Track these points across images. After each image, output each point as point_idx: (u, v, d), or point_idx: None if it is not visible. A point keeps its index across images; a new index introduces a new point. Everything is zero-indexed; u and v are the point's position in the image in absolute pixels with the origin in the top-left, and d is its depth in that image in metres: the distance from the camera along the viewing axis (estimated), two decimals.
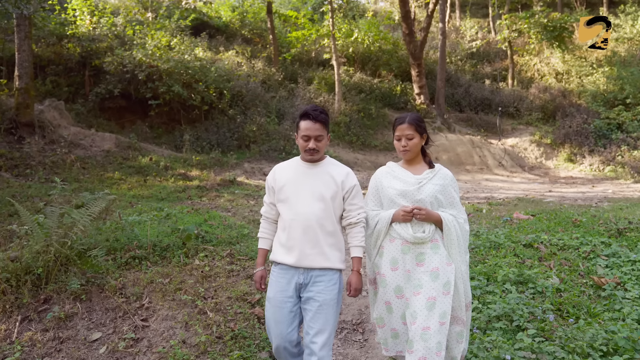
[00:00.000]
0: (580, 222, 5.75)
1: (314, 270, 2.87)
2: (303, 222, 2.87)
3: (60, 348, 3.80)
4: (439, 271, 2.79)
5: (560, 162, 15.32)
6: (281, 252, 2.94)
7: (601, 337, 3.22)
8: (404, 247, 2.90)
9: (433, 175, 2.96)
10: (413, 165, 3.05)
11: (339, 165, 3.08)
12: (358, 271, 2.94)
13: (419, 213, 2.83)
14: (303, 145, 2.93)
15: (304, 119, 2.93)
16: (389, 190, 3.00)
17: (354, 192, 2.98)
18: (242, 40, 19.21)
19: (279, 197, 2.97)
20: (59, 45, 13.85)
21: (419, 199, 2.89)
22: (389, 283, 2.92)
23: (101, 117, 13.35)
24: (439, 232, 2.90)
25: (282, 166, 3.10)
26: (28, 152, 9.70)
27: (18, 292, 4.14)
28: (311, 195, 2.91)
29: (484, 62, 21.55)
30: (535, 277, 4.23)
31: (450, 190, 2.98)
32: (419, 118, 3.03)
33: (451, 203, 2.96)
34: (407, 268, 2.88)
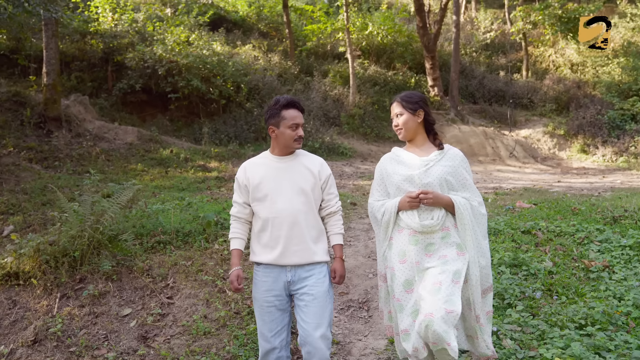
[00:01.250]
0: (579, 211, 6.03)
1: (302, 267, 2.82)
2: (287, 218, 2.79)
3: (95, 322, 4.24)
4: (448, 258, 2.65)
5: (573, 153, 15.44)
6: (263, 252, 2.86)
7: (582, 312, 3.54)
8: (411, 238, 2.74)
9: (442, 156, 2.80)
10: (419, 147, 2.88)
11: (310, 155, 3.02)
12: (341, 258, 2.92)
13: (425, 197, 2.67)
14: (291, 134, 2.83)
15: (290, 108, 2.85)
16: (394, 176, 2.85)
17: (330, 181, 2.96)
18: (258, 34, 19.56)
19: (256, 196, 2.87)
20: (83, 42, 14.37)
21: (426, 182, 2.73)
22: (398, 277, 2.75)
23: (123, 111, 13.85)
24: (450, 219, 2.73)
25: (253, 163, 2.99)
26: (56, 145, 10.21)
27: (57, 272, 4.59)
28: (291, 189, 2.83)
29: (498, 54, 21.61)
30: (529, 260, 4.55)
31: (462, 171, 2.79)
32: (409, 94, 2.89)
33: (464, 185, 2.77)
34: (416, 259, 2.71)
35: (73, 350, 3.90)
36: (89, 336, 4.05)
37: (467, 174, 2.81)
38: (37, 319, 4.20)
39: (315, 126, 14.11)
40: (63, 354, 3.86)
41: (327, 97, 15.93)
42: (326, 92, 16.15)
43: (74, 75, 13.88)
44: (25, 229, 6.38)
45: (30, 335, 4.00)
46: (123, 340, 4.02)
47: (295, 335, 3.47)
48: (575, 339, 3.12)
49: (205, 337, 3.99)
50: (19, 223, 6.54)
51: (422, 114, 2.85)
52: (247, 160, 3.02)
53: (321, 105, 15.31)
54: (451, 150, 2.86)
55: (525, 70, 20.03)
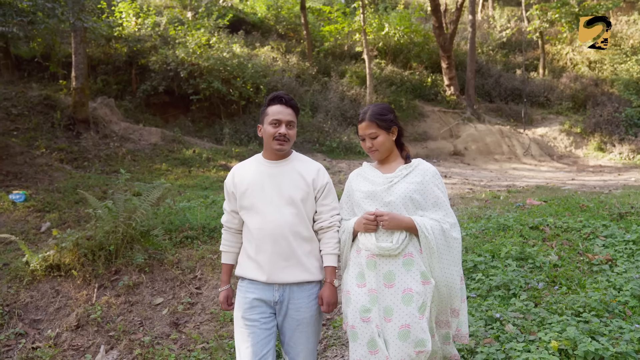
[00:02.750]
0: (587, 207, 6.25)
1: (290, 286, 2.55)
2: (273, 231, 2.52)
3: (131, 309, 4.62)
4: (413, 292, 2.37)
5: (590, 151, 15.51)
6: (250, 266, 2.59)
7: (581, 301, 3.80)
8: (369, 262, 2.46)
9: (409, 171, 2.54)
10: (387, 162, 2.65)
11: (307, 160, 2.72)
12: (332, 283, 2.60)
13: (381, 219, 2.41)
14: (271, 132, 2.55)
15: (274, 104, 2.60)
16: (356, 193, 2.60)
17: (325, 191, 2.64)
18: (277, 35, 19.93)
19: (242, 204, 2.60)
20: (108, 46, 14.89)
21: (388, 201, 2.47)
22: (354, 302, 2.46)
23: (147, 112, 14.32)
24: (415, 243, 2.45)
25: (242, 167, 2.71)
26: (85, 146, 10.69)
27: (94, 264, 4.98)
28: (279, 199, 2.55)
29: (515, 52, 21.68)
30: (535, 254, 4.81)
31: (432, 188, 2.52)
32: (380, 111, 2.59)
33: (435, 204, 2.51)
34: (373, 287, 2.44)
35: (112, 335, 4.28)
36: (126, 322, 4.43)
37: (439, 192, 2.52)
38: (78, 306, 4.59)
39: (333, 126, 14.43)
40: (103, 338, 4.24)
41: (345, 97, 16.22)
42: (343, 92, 16.45)
43: (100, 78, 14.39)
44: (60, 225, 6.82)
45: (73, 321, 4.39)
46: (157, 326, 4.39)
47: None
48: (572, 324, 3.38)
49: (232, 323, 4.34)
50: (54, 220, 6.98)
51: (396, 130, 2.60)
52: (238, 164, 2.76)
53: (338, 105, 15.61)
54: (421, 165, 2.59)
55: (541, 68, 20.07)
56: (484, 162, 14.77)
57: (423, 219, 2.45)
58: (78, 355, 4.10)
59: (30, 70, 13.80)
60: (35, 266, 4.91)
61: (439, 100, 17.91)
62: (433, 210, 2.51)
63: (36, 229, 6.77)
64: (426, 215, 2.49)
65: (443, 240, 2.46)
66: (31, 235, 6.55)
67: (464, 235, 5.42)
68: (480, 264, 4.70)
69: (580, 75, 19.28)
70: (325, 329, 4.07)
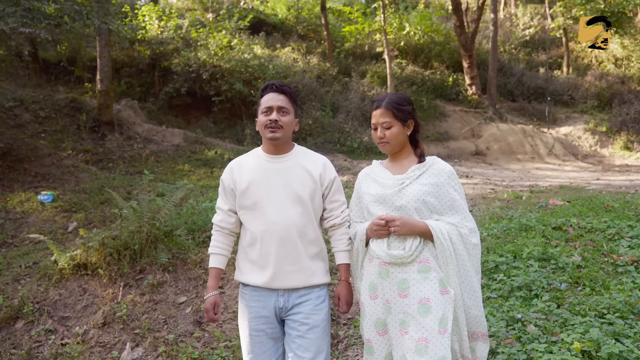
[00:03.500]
0: (612, 208, 6.16)
1: (297, 291, 2.41)
2: (279, 233, 2.35)
3: (155, 308, 4.71)
4: (431, 303, 2.16)
5: (615, 150, 15.24)
6: (252, 271, 2.43)
7: (605, 302, 3.76)
8: (381, 270, 2.29)
9: (422, 172, 2.32)
10: (398, 161, 2.42)
11: (311, 154, 2.55)
12: (347, 281, 2.50)
13: (392, 224, 2.23)
14: (263, 120, 2.39)
15: (268, 92, 2.43)
16: (364, 197, 2.40)
17: (334, 186, 2.49)
18: (297, 36, 20.01)
19: (243, 203, 2.42)
20: (131, 49, 15.15)
21: (399, 205, 2.27)
22: (368, 315, 2.34)
23: (170, 114, 14.53)
24: (430, 248, 2.26)
25: (241, 162, 2.51)
26: (109, 148, 10.89)
27: (119, 263, 5.09)
28: (286, 197, 2.38)
29: (538, 50, 21.40)
30: (558, 254, 4.76)
31: (449, 190, 2.30)
32: (399, 100, 2.37)
33: (451, 207, 2.30)
34: (387, 297, 2.27)
35: (137, 332, 4.38)
36: (150, 320, 4.52)
37: (455, 194, 2.31)
38: (104, 304, 4.70)
39: (354, 126, 14.44)
40: (129, 335, 4.33)
41: (365, 97, 16.22)
42: (364, 93, 16.45)
43: (123, 81, 14.65)
44: (87, 225, 6.98)
45: (100, 318, 4.50)
46: (180, 324, 4.47)
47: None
48: (595, 326, 3.35)
49: None
50: (81, 220, 7.14)
51: (412, 125, 2.39)
52: (236, 159, 2.57)
53: (359, 106, 15.61)
54: (436, 164, 2.36)
55: (565, 66, 19.79)
56: (506, 162, 14.63)
57: (438, 223, 2.25)
58: (105, 352, 4.20)
59: (56, 74, 14.12)
60: (64, 265, 5.04)
61: (461, 99, 17.78)
62: (449, 214, 2.29)
63: (63, 229, 6.93)
64: (442, 219, 2.28)
65: (461, 247, 2.25)
66: (59, 235, 6.72)
67: (485, 236, 5.39)
68: (501, 264, 4.68)
69: (606, 73, 18.95)
70: (347, 328, 4.10)
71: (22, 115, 10.73)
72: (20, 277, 5.28)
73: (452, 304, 2.18)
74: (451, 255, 2.23)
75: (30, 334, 4.43)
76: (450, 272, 2.23)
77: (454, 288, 2.23)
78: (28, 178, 8.65)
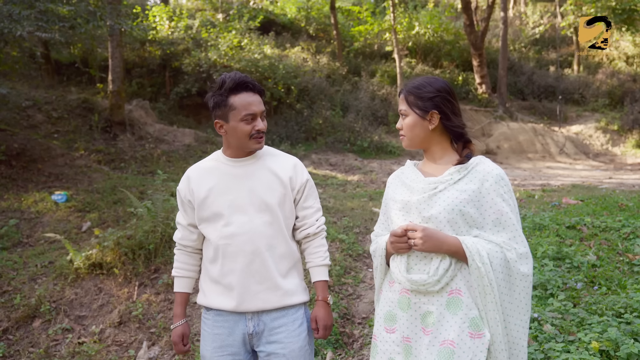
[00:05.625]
0: (626, 206, 6.12)
1: (268, 313, 2.07)
2: (244, 246, 2.04)
3: (170, 307, 4.74)
4: (455, 348, 1.68)
5: (627, 149, 15.12)
6: (215, 292, 2.10)
7: (622, 302, 3.74)
8: (401, 299, 1.82)
9: (462, 175, 1.80)
10: (434, 160, 1.93)
11: (280, 154, 2.21)
12: (325, 300, 2.14)
13: (412, 235, 1.75)
14: (246, 130, 2.02)
15: (240, 91, 2.02)
16: (390, 203, 1.96)
17: (306, 190, 2.17)
18: (307, 36, 20.03)
19: (202, 215, 2.11)
20: (142, 50, 15.24)
21: (428, 215, 1.78)
22: (381, 351, 1.88)
23: (180, 114, 14.61)
24: (466, 275, 1.75)
25: (198, 169, 2.18)
26: (121, 148, 10.96)
27: (134, 263, 5.13)
28: (250, 205, 2.06)
29: (548, 48, 21.28)
30: (572, 254, 4.75)
31: (495, 199, 1.77)
32: (420, 84, 1.89)
33: (497, 222, 1.76)
34: (406, 334, 1.80)
35: (153, 331, 4.41)
36: (166, 319, 4.55)
37: (504, 205, 1.77)
38: (120, 303, 4.74)
39: (364, 125, 14.44)
40: (145, 334, 4.37)
41: (375, 96, 16.21)
42: (374, 92, 16.44)
43: (135, 81, 14.74)
44: (100, 225, 7.03)
45: (116, 317, 4.54)
46: (196, 323, 4.49)
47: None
48: (613, 325, 3.34)
49: None
50: (94, 220, 7.20)
51: (436, 117, 1.86)
52: (193, 165, 2.23)
53: (369, 105, 15.61)
54: (481, 165, 1.83)
55: (576, 64, 19.67)
56: (517, 160, 14.56)
57: (476, 241, 1.73)
58: (121, 351, 4.24)
59: (69, 75, 14.23)
60: (79, 264, 5.09)
61: (471, 98, 17.72)
62: (494, 231, 1.76)
63: (77, 229, 6.99)
64: (482, 236, 1.76)
65: (505, 275, 1.72)
66: (73, 235, 6.78)
67: None
68: None
69: (617, 71, 18.81)
70: (362, 327, 4.10)
71: (35, 116, 10.84)
72: (36, 277, 5.33)
73: (485, 351, 1.67)
74: (490, 284, 1.69)
75: (47, 333, 4.48)
76: (490, 307, 1.70)
77: (492, 328, 1.70)
78: (42, 178, 8.73)
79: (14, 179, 8.49)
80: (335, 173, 10.97)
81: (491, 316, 1.70)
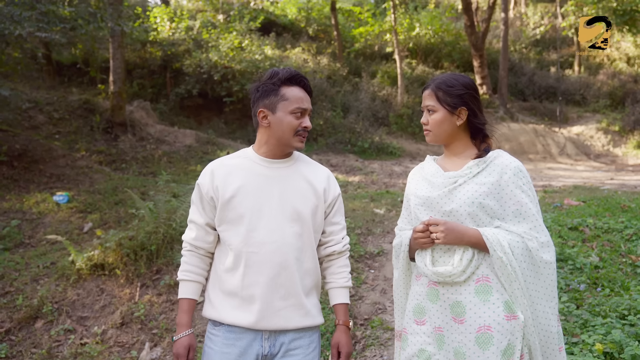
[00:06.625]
0: (628, 208, 6.11)
1: (285, 334, 1.91)
2: (272, 256, 1.87)
3: (172, 308, 4.73)
4: (492, 332, 1.72)
5: (629, 150, 15.12)
6: (229, 305, 1.90)
7: (626, 303, 3.74)
8: (429, 291, 1.86)
9: (481, 168, 1.85)
10: (454, 155, 1.96)
11: (314, 163, 2.08)
12: (347, 325, 2.00)
13: (435, 229, 1.80)
14: (294, 124, 1.90)
15: (294, 85, 1.93)
16: (411, 199, 1.98)
17: (337, 205, 2.05)
18: (307, 37, 20.04)
19: (225, 216, 1.92)
20: (143, 51, 15.25)
21: (449, 209, 1.83)
22: (412, 344, 1.89)
23: (181, 115, 14.61)
24: (490, 262, 1.79)
25: (226, 164, 1.99)
26: (122, 149, 10.96)
27: (136, 264, 5.12)
28: (282, 212, 1.91)
29: (549, 49, 21.28)
30: (575, 255, 4.74)
31: (514, 191, 1.81)
32: (450, 81, 1.91)
33: (517, 213, 1.80)
34: (437, 324, 1.84)
35: (155, 332, 4.41)
36: (168, 320, 4.55)
37: (523, 196, 1.81)
38: (122, 304, 4.74)
39: (365, 126, 14.44)
40: (147, 335, 4.37)
41: (376, 97, 16.21)
42: (375, 93, 16.44)
43: (135, 82, 14.75)
44: (102, 225, 7.03)
45: (118, 318, 4.54)
46: (198, 324, 4.49)
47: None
48: (617, 327, 3.33)
49: None
50: (96, 220, 7.20)
51: (464, 113, 1.90)
52: (218, 159, 2.04)
53: (370, 106, 15.61)
54: (499, 158, 1.87)
55: (577, 65, 19.67)
56: None
57: (496, 232, 1.78)
58: (124, 352, 4.24)
59: (70, 76, 14.24)
60: (81, 265, 5.09)
61: None
62: (515, 222, 1.80)
63: (79, 229, 6.99)
64: (504, 227, 1.81)
65: (528, 264, 1.77)
66: (74, 235, 6.78)
67: None
68: None
69: (618, 71, 18.82)
70: (364, 329, 4.10)
71: (37, 117, 10.84)
72: (38, 277, 5.33)
73: (522, 332, 1.73)
74: (514, 272, 1.75)
75: (49, 334, 4.48)
76: (517, 293, 1.76)
77: (523, 312, 1.76)
78: (43, 179, 8.73)
79: (16, 179, 8.50)
80: (336, 174, 10.97)
81: (519, 301, 1.76)
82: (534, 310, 1.79)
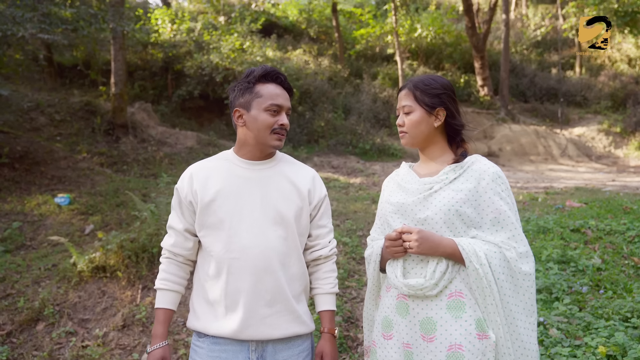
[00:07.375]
0: (630, 209, 6.10)
1: (274, 343, 1.83)
2: (255, 262, 1.78)
3: None
4: (464, 351, 1.62)
5: (630, 151, 15.10)
6: (212, 315, 1.83)
7: (629, 306, 3.72)
8: (399, 304, 1.76)
9: (457, 174, 1.75)
10: (430, 160, 1.87)
11: (298, 164, 2.00)
12: (332, 333, 1.92)
13: (407, 238, 1.69)
14: (270, 122, 1.82)
15: (269, 81, 1.87)
16: (384, 205, 1.91)
17: (323, 207, 1.96)
18: (308, 39, 20.05)
19: (205, 221, 1.85)
20: (144, 52, 15.26)
21: (423, 217, 1.73)
22: (380, 358, 1.81)
23: (182, 116, 14.62)
24: (465, 277, 1.70)
25: (204, 167, 1.91)
26: (124, 151, 10.97)
27: (138, 266, 5.11)
28: (264, 215, 1.82)
29: (550, 51, 21.27)
30: (577, 257, 4.73)
31: (492, 198, 1.72)
32: (428, 81, 1.85)
33: (495, 222, 1.72)
34: (406, 340, 1.74)
35: None
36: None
37: (502, 203, 1.72)
38: (123, 307, 4.73)
39: (366, 128, 14.44)
40: (149, 338, 4.35)
41: (377, 99, 16.21)
42: (376, 94, 16.44)
43: (137, 84, 14.76)
44: (103, 227, 7.02)
45: (119, 320, 4.53)
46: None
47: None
48: (620, 330, 3.32)
49: None
50: (97, 222, 7.19)
51: (442, 114, 1.82)
52: (196, 163, 1.96)
53: (371, 107, 15.61)
54: (477, 163, 1.78)
55: (578, 66, 19.66)
56: (519, 163, 14.54)
57: (472, 242, 1.68)
58: (125, 354, 4.23)
59: (71, 78, 14.26)
60: (82, 267, 5.08)
61: (472, 101, 17.71)
62: (492, 230, 1.71)
63: (80, 231, 6.98)
64: (480, 236, 1.72)
65: (507, 276, 1.67)
66: (76, 237, 6.77)
67: None
68: None
69: (620, 73, 18.80)
70: None
71: (38, 119, 10.85)
72: (39, 279, 5.32)
73: (494, 352, 1.63)
74: (490, 286, 1.64)
75: (51, 336, 4.47)
76: (490, 309, 1.65)
77: (495, 331, 1.65)
78: (44, 181, 8.73)
79: (17, 181, 8.50)
80: (338, 176, 10.96)
81: (492, 318, 1.65)
82: (514, 327, 1.68)
